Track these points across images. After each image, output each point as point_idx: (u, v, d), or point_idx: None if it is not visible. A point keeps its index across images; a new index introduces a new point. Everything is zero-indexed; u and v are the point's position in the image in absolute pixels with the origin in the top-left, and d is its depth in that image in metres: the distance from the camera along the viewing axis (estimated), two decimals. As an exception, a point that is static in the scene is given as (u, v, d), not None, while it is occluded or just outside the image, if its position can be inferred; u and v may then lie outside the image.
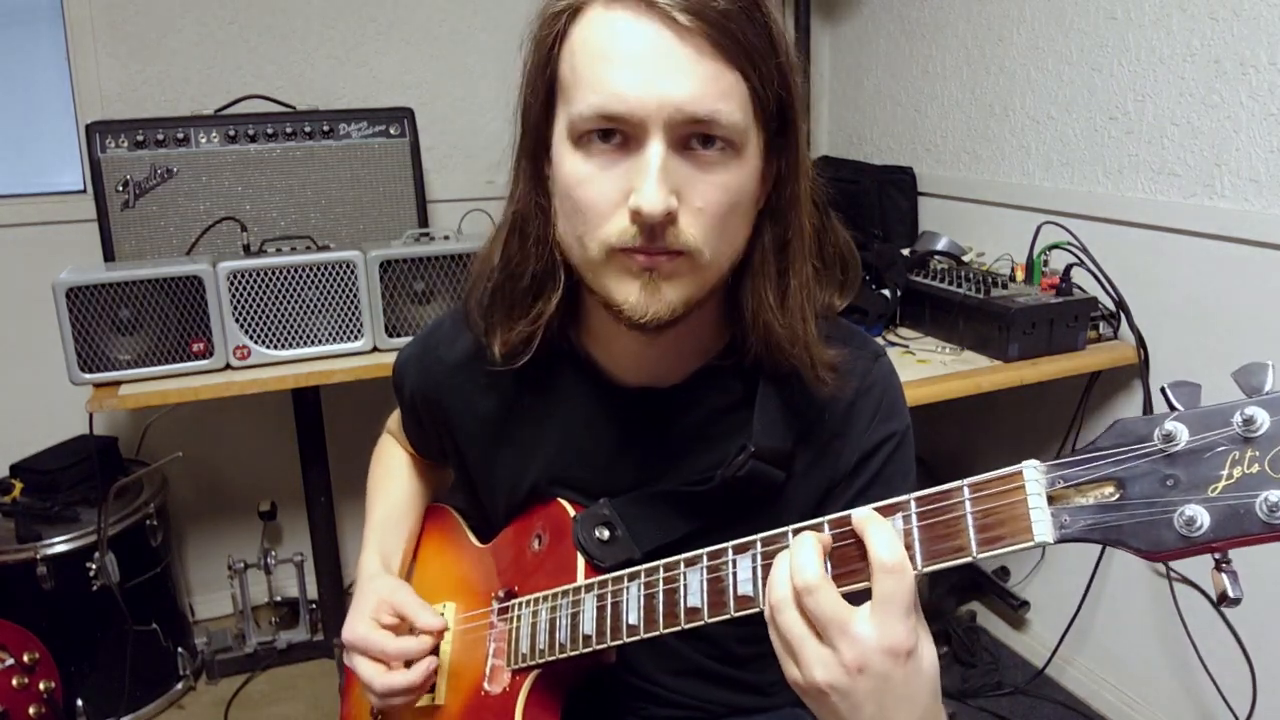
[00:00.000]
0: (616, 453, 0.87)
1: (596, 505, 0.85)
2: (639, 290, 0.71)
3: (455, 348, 0.93)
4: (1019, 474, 0.55)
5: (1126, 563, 1.94)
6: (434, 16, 2.39)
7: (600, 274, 0.73)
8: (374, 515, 1.07)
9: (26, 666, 1.85)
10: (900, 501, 0.60)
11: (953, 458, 2.46)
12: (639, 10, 0.68)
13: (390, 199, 2.19)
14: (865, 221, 2.38)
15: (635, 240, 0.69)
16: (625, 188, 0.69)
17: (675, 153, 0.69)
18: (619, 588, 0.77)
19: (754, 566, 0.66)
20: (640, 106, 0.67)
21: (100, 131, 1.98)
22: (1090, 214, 1.91)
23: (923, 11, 2.36)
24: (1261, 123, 1.58)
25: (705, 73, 0.68)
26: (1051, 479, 0.55)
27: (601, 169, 0.70)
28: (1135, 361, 1.81)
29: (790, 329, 0.77)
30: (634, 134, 0.69)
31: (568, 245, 0.76)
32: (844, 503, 0.84)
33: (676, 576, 0.72)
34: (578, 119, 0.70)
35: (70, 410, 2.00)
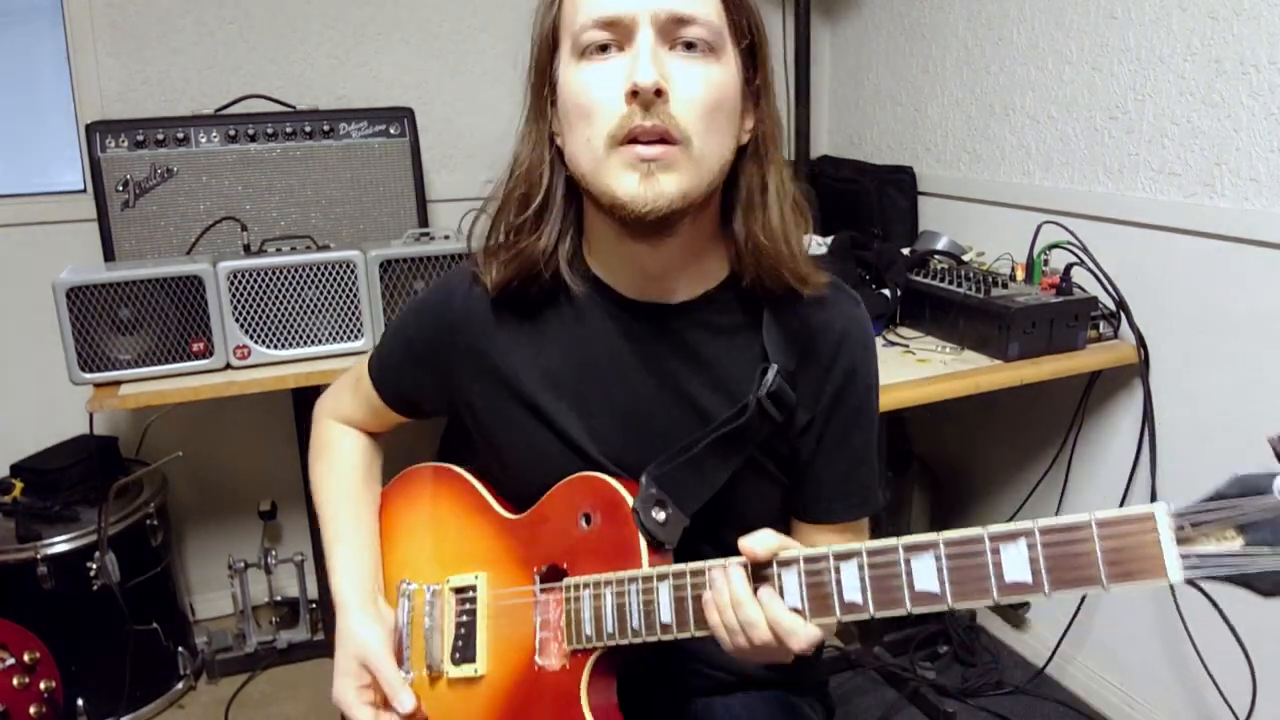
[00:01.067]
0: (631, 368, 0.92)
1: (644, 485, 0.88)
2: (638, 181, 0.78)
3: (471, 296, 0.96)
4: (1151, 517, 0.60)
5: (1127, 562, 1.93)
6: (434, 16, 2.39)
7: (603, 171, 0.80)
8: (338, 526, 1.05)
9: (27, 666, 1.85)
10: (1025, 529, 0.65)
11: (953, 457, 2.46)
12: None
13: (390, 199, 2.19)
14: (865, 221, 2.38)
15: (633, 120, 0.77)
16: (623, 81, 0.78)
17: (664, 49, 0.79)
18: (699, 580, 0.81)
19: (862, 576, 0.72)
20: (630, 7, 0.78)
21: (100, 131, 1.98)
22: (1090, 213, 1.91)
23: (923, 11, 2.36)
24: (1262, 122, 1.58)
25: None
26: (1179, 523, 0.59)
27: (602, 71, 0.80)
28: (1135, 361, 1.81)
29: (777, 246, 0.86)
30: (627, 35, 0.79)
31: (577, 158, 0.83)
32: (824, 433, 0.93)
33: (770, 575, 0.77)
34: (579, 31, 0.80)
35: (70, 410, 2.00)
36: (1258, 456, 1.88)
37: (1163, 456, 1.83)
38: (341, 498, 1.08)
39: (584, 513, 0.90)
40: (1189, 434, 1.77)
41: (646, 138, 0.78)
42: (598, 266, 0.92)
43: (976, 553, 0.66)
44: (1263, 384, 1.62)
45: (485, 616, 0.96)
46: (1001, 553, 0.65)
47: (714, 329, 0.91)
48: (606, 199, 0.81)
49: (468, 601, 0.98)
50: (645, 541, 0.85)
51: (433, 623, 0.98)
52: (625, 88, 0.78)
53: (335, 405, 1.14)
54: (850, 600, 0.72)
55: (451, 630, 0.98)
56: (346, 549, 1.03)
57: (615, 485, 0.89)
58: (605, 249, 0.91)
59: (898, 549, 0.70)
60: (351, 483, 1.09)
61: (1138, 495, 1.88)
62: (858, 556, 0.72)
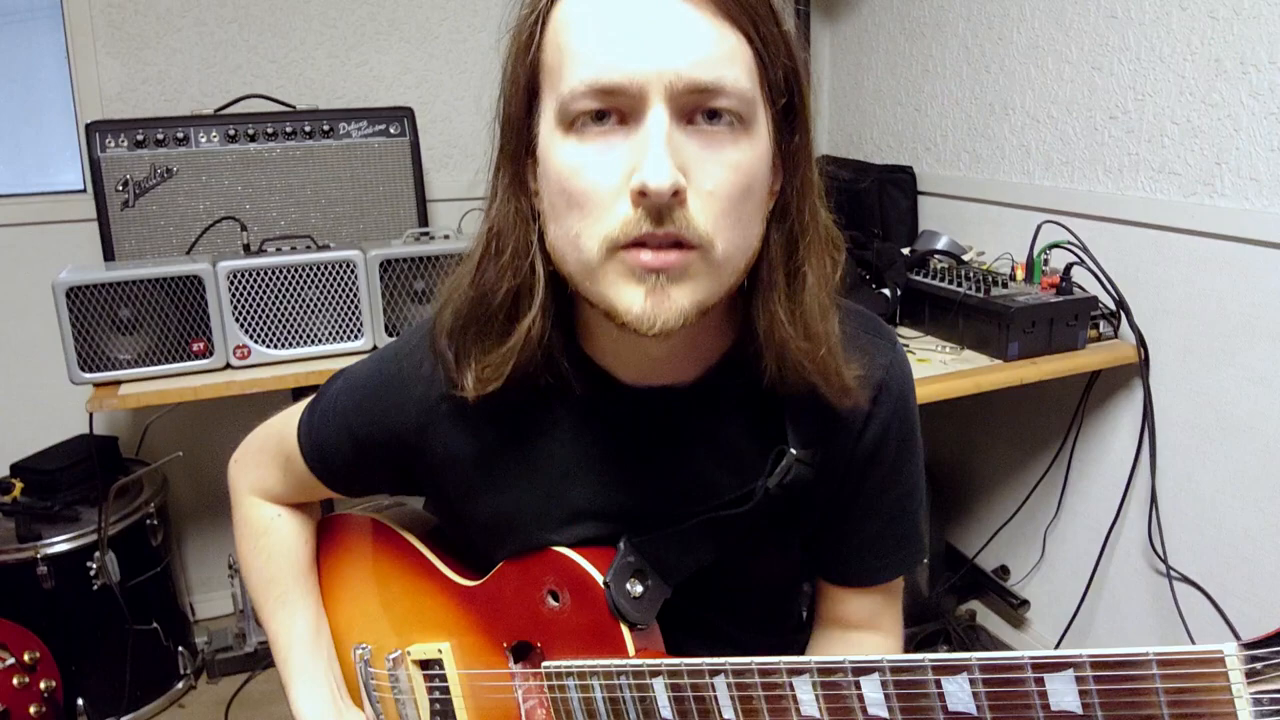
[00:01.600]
0: (627, 458, 0.80)
1: (620, 554, 0.77)
2: (644, 297, 0.62)
3: (431, 380, 0.80)
4: (1220, 659, 0.52)
5: (1126, 561, 1.94)
6: (434, 16, 2.39)
7: (599, 279, 0.64)
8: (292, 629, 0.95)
9: (27, 666, 1.85)
10: (1075, 658, 0.57)
11: (953, 458, 2.46)
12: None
13: (390, 198, 2.19)
14: (865, 221, 2.38)
15: (641, 228, 0.61)
16: (626, 170, 0.61)
17: (679, 127, 0.61)
18: (700, 682, 0.69)
19: (885, 693, 0.63)
20: (638, 74, 0.59)
21: (100, 131, 1.98)
22: (1090, 213, 1.91)
23: (923, 10, 2.36)
24: (1262, 122, 1.58)
25: (708, 34, 0.61)
26: (1251, 663, 0.52)
27: (598, 154, 0.62)
28: (1135, 361, 1.81)
29: (807, 345, 0.69)
30: (632, 108, 0.61)
31: (561, 251, 0.66)
32: (855, 496, 0.82)
33: (780, 684, 0.66)
34: (568, 98, 0.62)
35: (70, 410, 2.00)
36: (1258, 456, 1.88)
37: (1163, 456, 1.83)
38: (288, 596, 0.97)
39: (549, 589, 0.80)
40: (1189, 434, 1.77)
41: (656, 243, 0.61)
42: (595, 352, 0.77)
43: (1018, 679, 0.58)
44: (1263, 384, 1.62)
45: (461, 695, 0.89)
46: (1047, 684, 0.57)
47: (726, 405, 0.78)
48: (602, 308, 0.65)
49: (436, 678, 0.90)
50: (627, 629, 0.75)
51: (403, 695, 0.92)
52: (632, 184, 0.60)
53: (258, 480, 0.99)
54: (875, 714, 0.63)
55: (425, 703, 0.92)
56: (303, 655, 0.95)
57: (580, 562, 0.78)
58: (602, 337, 0.75)
59: (927, 668, 0.61)
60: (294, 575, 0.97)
61: (1138, 495, 1.88)
62: (879, 671, 0.62)
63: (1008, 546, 2.27)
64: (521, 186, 0.69)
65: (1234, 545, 1.70)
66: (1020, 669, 0.58)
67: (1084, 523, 2.03)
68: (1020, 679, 0.58)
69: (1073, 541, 2.07)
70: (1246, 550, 1.68)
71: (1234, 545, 1.70)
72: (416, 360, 0.82)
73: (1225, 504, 1.71)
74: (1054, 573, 2.14)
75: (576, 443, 0.80)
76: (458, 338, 0.74)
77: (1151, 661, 0.54)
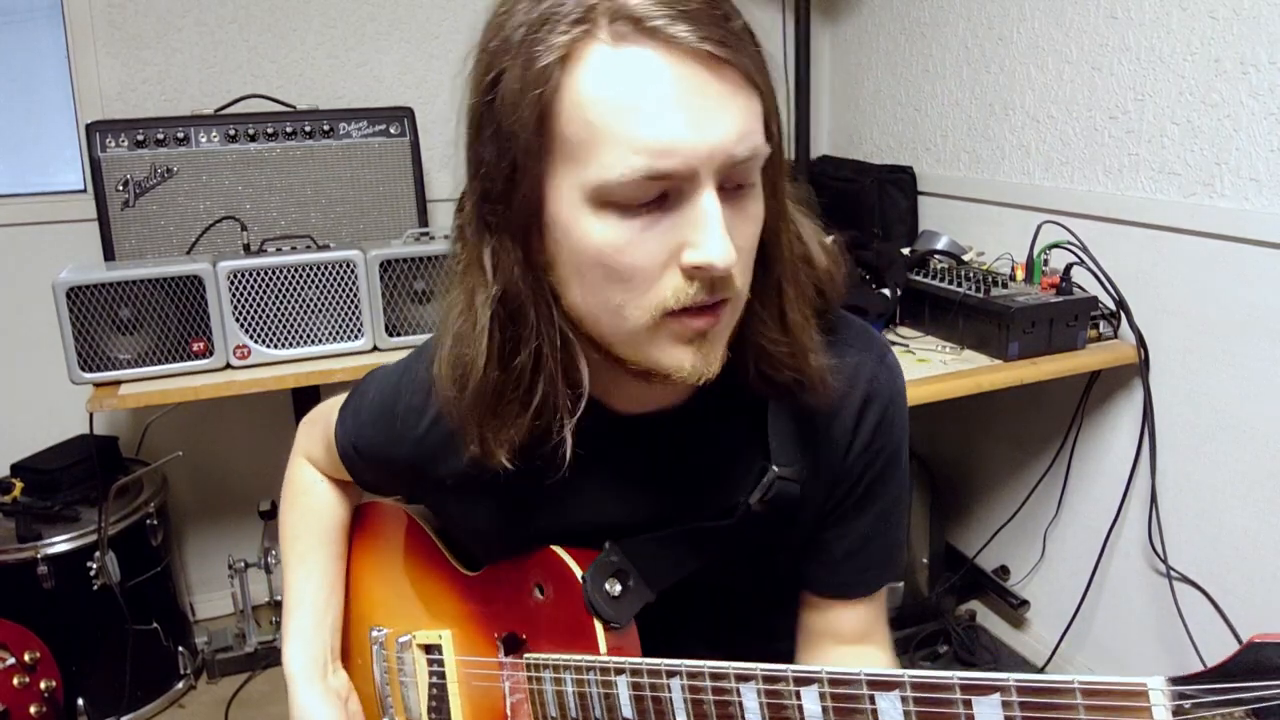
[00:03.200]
0: (615, 482, 0.81)
1: (604, 554, 0.79)
2: (692, 355, 0.65)
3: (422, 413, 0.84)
4: (1144, 692, 0.51)
5: (1126, 562, 1.94)
6: (434, 16, 2.39)
7: (646, 343, 0.66)
8: (302, 589, 0.99)
9: (27, 666, 1.85)
10: (1001, 682, 0.56)
11: (953, 458, 2.46)
12: (663, 46, 0.59)
13: (390, 199, 2.19)
14: (865, 221, 2.38)
15: (696, 298, 0.63)
16: (674, 245, 0.62)
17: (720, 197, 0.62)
18: (658, 681, 0.72)
19: (823, 705, 0.64)
20: (693, 157, 0.59)
21: (100, 131, 1.98)
22: (1090, 213, 1.91)
23: (923, 11, 2.36)
24: (1261, 122, 1.58)
25: (743, 107, 0.61)
26: (1178, 701, 0.51)
27: (644, 230, 0.62)
28: (1135, 361, 1.81)
29: (789, 347, 0.72)
30: (681, 189, 0.61)
31: (594, 317, 0.67)
32: (837, 510, 0.83)
33: (728, 689, 0.68)
34: (615, 184, 0.60)
35: (70, 410, 2.00)
36: (1258, 456, 1.87)
37: (1163, 456, 1.83)
38: (309, 555, 1.01)
39: (536, 583, 0.84)
40: (1189, 434, 1.77)
41: (707, 308, 0.64)
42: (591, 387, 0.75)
43: (948, 701, 0.58)
44: (1263, 383, 1.62)
45: (455, 681, 0.94)
46: (974, 706, 0.58)
47: (712, 429, 0.80)
48: (644, 367, 0.67)
49: (435, 663, 0.95)
50: (600, 626, 0.77)
51: (408, 678, 0.96)
52: (687, 260, 0.61)
53: (310, 447, 1.06)
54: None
55: (425, 689, 0.96)
56: (305, 614, 0.98)
57: (564, 557, 0.81)
58: (605, 379, 0.75)
59: (861, 681, 0.62)
60: (321, 538, 1.02)
61: (1138, 495, 1.88)
62: (818, 683, 0.64)
63: (1008, 546, 2.27)
64: (532, 255, 0.67)
65: (1234, 545, 1.70)
66: (949, 689, 0.58)
67: (1084, 523, 2.03)
68: (949, 699, 0.58)
69: (1073, 541, 2.07)
70: (1246, 550, 1.68)
71: (1234, 545, 1.70)
72: (413, 399, 0.85)
73: (1225, 504, 1.71)
74: (1054, 573, 2.14)
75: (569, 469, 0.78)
76: (482, 414, 0.72)
77: (1075, 690, 0.53)
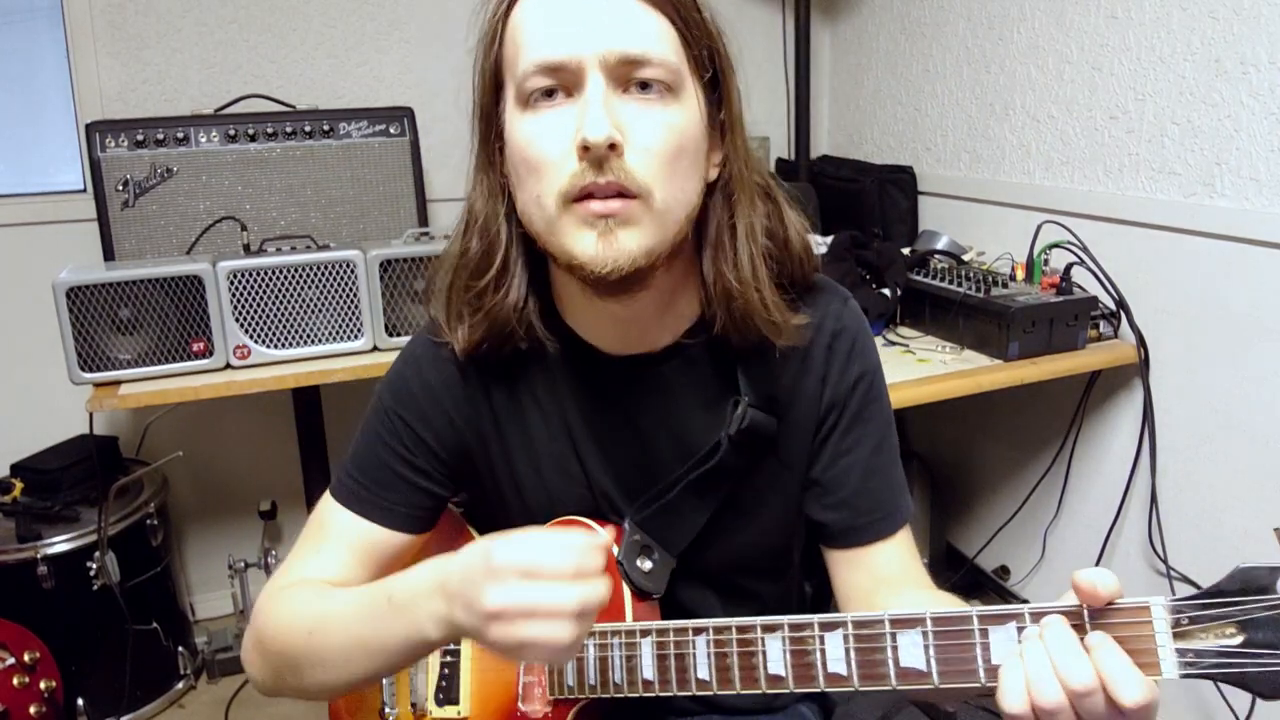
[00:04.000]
0: (606, 420, 0.88)
1: (627, 533, 0.85)
2: (596, 240, 0.72)
3: (437, 368, 0.89)
4: (1146, 608, 0.58)
5: (1125, 562, 1.94)
6: (434, 16, 2.39)
7: (558, 231, 0.73)
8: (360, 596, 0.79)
9: (27, 666, 1.85)
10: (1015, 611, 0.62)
11: (953, 458, 2.46)
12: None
13: (390, 198, 2.19)
14: (865, 221, 2.38)
15: (586, 178, 0.70)
16: (572, 133, 0.71)
17: (616, 93, 0.72)
18: (682, 639, 0.76)
19: (846, 648, 0.69)
20: (576, 50, 0.71)
21: (100, 131, 1.98)
22: (1090, 213, 1.91)
23: (923, 10, 2.36)
24: (1262, 122, 1.58)
25: (635, 15, 0.73)
26: (1176, 617, 0.58)
27: (549, 123, 0.73)
28: (1135, 361, 1.81)
29: (747, 292, 0.79)
30: (575, 82, 0.72)
31: (529, 215, 0.76)
32: (828, 442, 0.88)
33: (753, 640, 0.73)
34: (521, 80, 0.73)
35: (70, 410, 2.00)
36: (1258, 456, 1.88)
37: (1163, 456, 1.83)
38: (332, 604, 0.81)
39: None
40: (1189, 434, 1.77)
41: (602, 194, 0.71)
42: (573, 321, 0.86)
43: (965, 632, 0.64)
44: (1263, 384, 1.62)
45: (469, 658, 0.94)
46: (990, 635, 0.63)
47: (695, 371, 0.86)
48: (564, 259, 0.74)
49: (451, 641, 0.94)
50: (630, 592, 0.83)
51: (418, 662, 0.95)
52: (576, 141, 0.70)
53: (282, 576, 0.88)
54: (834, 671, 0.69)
55: (435, 670, 0.96)
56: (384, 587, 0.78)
57: (600, 532, 0.85)
58: (576, 304, 0.84)
59: (885, 622, 0.67)
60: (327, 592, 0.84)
61: (1138, 495, 1.88)
62: (843, 627, 0.69)
63: (1008, 546, 2.27)
64: (491, 165, 0.80)
65: (1234, 545, 1.70)
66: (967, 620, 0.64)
67: (1084, 523, 2.03)
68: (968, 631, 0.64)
69: (1073, 541, 2.07)
70: (1246, 550, 1.68)
71: (1234, 545, 1.70)
72: (417, 347, 0.91)
73: (1225, 504, 1.71)
74: (1054, 573, 2.14)
75: (562, 409, 0.88)
76: (444, 297, 0.85)
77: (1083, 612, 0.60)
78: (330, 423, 2.13)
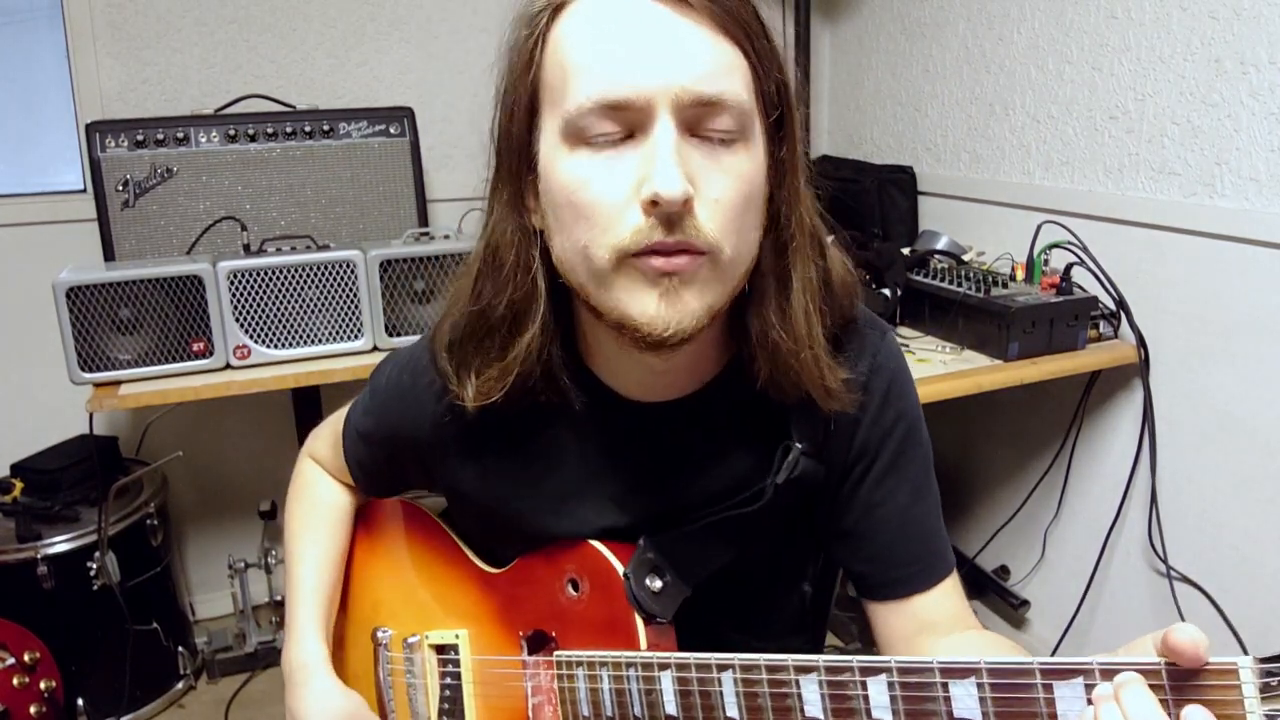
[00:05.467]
0: (634, 473, 0.81)
1: (640, 550, 0.79)
2: (657, 300, 0.64)
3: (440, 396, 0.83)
4: (1234, 670, 0.52)
5: (1125, 562, 1.94)
6: (434, 16, 2.39)
7: (611, 287, 0.65)
8: (307, 581, 0.96)
9: (27, 666, 1.85)
10: (1084, 665, 0.56)
11: (953, 458, 2.46)
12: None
13: (390, 199, 2.19)
14: (865, 221, 2.37)
15: (652, 236, 0.63)
16: (634, 181, 0.63)
17: (685, 138, 0.64)
18: (706, 675, 0.70)
19: (892, 694, 0.62)
20: (646, 88, 0.62)
21: (100, 131, 1.98)
22: (1090, 213, 1.91)
23: (923, 11, 2.36)
24: (1262, 122, 1.58)
25: (710, 48, 0.64)
26: (1266, 680, 0.52)
27: (606, 166, 0.64)
28: (1135, 361, 1.81)
29: (800, 351, 0.71)
30: (639, 121, 0.63)
31: (568, 263, 0.68)
32: (860, 489, 0.82)
33: (787, 681, 0.66)
34: (575, 114, 0.63)
35: (70, 410, 2.00)
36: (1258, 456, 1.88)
37: (1163, 456, 1.83)
38: (310, 551, 0.98)
39: (570, 578, 0.82)
40: (1189, 434, 1.77)
41: (667, 250, 0.63)
42: (596, 367, 0.79)
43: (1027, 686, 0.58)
44: (1263, 384, 1.62)
45: (471, 681, 0.90)
46: (1055, 690, 0.57)
47: (727, 415, 0.80)
48: (613, 317, 0.67)
49: (450, 663, 0.91)
50: (641, 619, 0.76)
51: (415, 680, 0.93)
52: (642, 194, 0.62)
53: (319, 449, 1.05)
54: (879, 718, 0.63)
55: (436, 691, 0.93)
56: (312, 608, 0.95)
57: (604, 552, 0.80)
58: (605, 352, 0.77)
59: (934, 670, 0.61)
60: (323, 533, 1.00)
61: (1138, 495, 1.88)
62: (887, 673, 0.62)
63: (1008, 546, 2.27)
64: (520, 203, 0.71)
65: (1234, 545, 1.70)
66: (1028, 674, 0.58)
67: (1084, 523, 2.03)
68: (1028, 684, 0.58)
69: (1073, 541, 2.07)
70: (1246, 550, 1.68)
71: (1234, 545, 1.70)
72: (427, 376, 0.84)
73: (1225, 504, 1.71)
74: (1054, 573, 2.14)
75: (582, 459, 0.82)
76: (456, 351, 0.77)
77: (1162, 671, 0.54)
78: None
